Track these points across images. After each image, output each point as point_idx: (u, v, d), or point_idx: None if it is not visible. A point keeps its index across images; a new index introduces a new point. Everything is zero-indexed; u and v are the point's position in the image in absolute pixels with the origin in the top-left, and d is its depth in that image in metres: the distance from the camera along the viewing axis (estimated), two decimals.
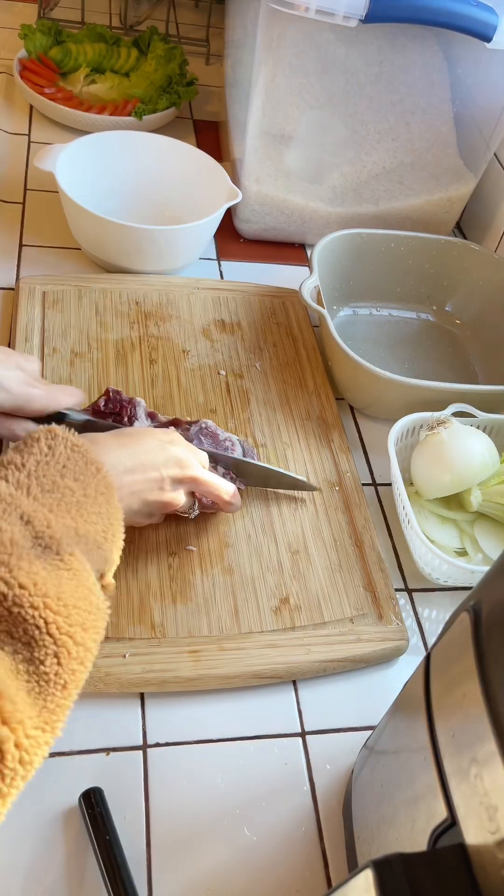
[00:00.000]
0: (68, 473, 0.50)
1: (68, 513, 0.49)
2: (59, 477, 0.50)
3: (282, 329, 0.93)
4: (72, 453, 0.52)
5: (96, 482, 0.51)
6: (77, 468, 0.51)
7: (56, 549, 0.46)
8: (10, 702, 0.40)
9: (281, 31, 0.85)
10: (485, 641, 0.35)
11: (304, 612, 0.68)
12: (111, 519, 0.52)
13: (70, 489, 0.50)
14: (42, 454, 0.51)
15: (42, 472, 0.50)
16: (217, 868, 0.55)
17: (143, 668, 0.61)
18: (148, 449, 0.60)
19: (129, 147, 1.00)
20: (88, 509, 0.50)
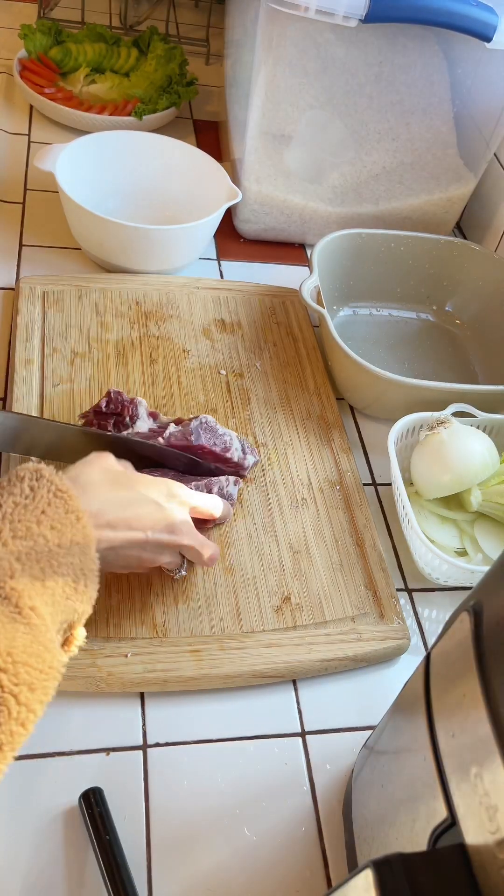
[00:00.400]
0: (45, 520, 0.49)
1: (37, 563, 0.47)
2: (34, 523, 0.48)
3: (282, 329, 0.93)
4: (54, 498, 0.50)
5: (73, 532, 0.50)
6: (56, 515, 0.49)
7: (15, 602, 0.44)
8: None
9: (281, 30, 0.85)
10: (485, 641, 0.35)
11: (306, 612, 0.68)
12: (85, 570, 0.50)
13: (44, 537, 0.48)
14: (22, 496, 0.49)
15: (18, 517, 0.48)
16: (217, 868, 0.55)
17: (145, 668, 0.61)
18: (140, 505, 0.57)
19: (129, 147, 1.00)
20: (60, 560, 0.48)
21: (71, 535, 0.49)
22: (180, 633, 0.64)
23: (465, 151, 1.01)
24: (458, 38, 0.85)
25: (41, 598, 0.46)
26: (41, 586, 0.46)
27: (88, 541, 0.51)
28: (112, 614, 0.64)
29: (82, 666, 0.60)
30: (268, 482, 0.77)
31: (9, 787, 0.56)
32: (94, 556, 0.51)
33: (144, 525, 0.57)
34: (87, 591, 0.50)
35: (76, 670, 0.60)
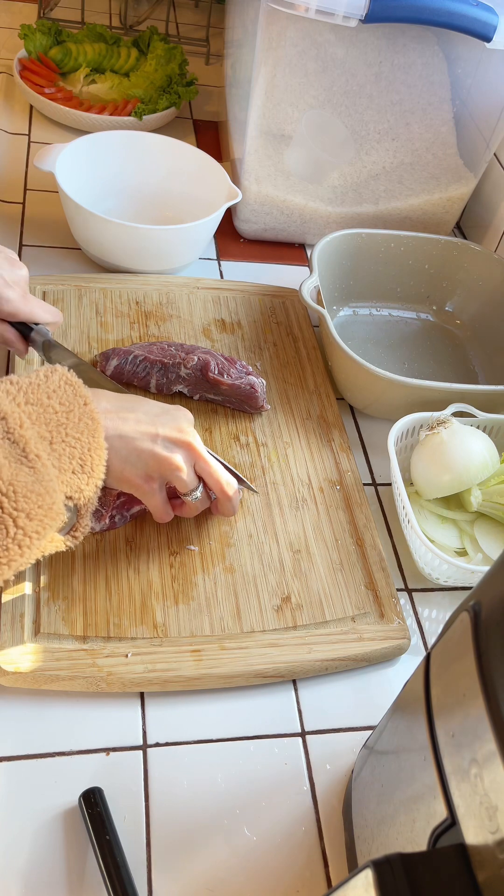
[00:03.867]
0: (55, 396, 0.54)
1: (46, 425, 0.52)
2: (45, 397, 0.53)
3: (282, 328, 0.93)
4: (65, 385, 0.55)
5: (81, 412, 0.54)
6: (66, 396, 0.54)
7: (23, 446, 0.49)
8: None
9: (281, 30, 0.85)
10: (485, 641, 0.35)
11: (306, 611, 0.68)
12: (91, 451, 0.54)
13: (53, 408, 0.53)
14: (37, 379, 0.54)
15: (31, 391, 0.53)
16: (217, 868, 0.55)
17: (146, 668, 0.61)
18: (147, 407, 0.62)
19: (129, 147, 1.00)
20: (68, 431, 0.53)
21: (79, 414, 0.54)
22: (180, 632, 0.64)
23: (465, 151, 1.01)
24: (458, 38, 0.85)
25: (47, 454, 0.51)
26: (48, 446, 0.51)
27: (96, 423, 0.55)
28: (112, 614, 0.64)
29: (82, 666, 0.60)
30: (268, 482, 0.77)
31: (9, 786, 0.56)
32: (103, 442, 0.55)
33: (153, 420, 0.61)
34: (92, 474, 0.54)
35: (76, 670, 0.60)
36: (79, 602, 0.64)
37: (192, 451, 0.63)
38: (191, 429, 0.64)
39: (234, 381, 0.79)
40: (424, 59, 0.91)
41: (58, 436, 0.52)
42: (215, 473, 0.65)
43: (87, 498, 0.55)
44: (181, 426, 0.63)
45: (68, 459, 0.53)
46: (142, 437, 0.60)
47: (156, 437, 0.61)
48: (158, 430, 0.61)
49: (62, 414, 0.53)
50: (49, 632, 0.62)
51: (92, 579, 0.66)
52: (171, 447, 0.62)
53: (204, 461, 0.64)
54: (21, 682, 0.59)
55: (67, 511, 0.54)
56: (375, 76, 0.91)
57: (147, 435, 0.60)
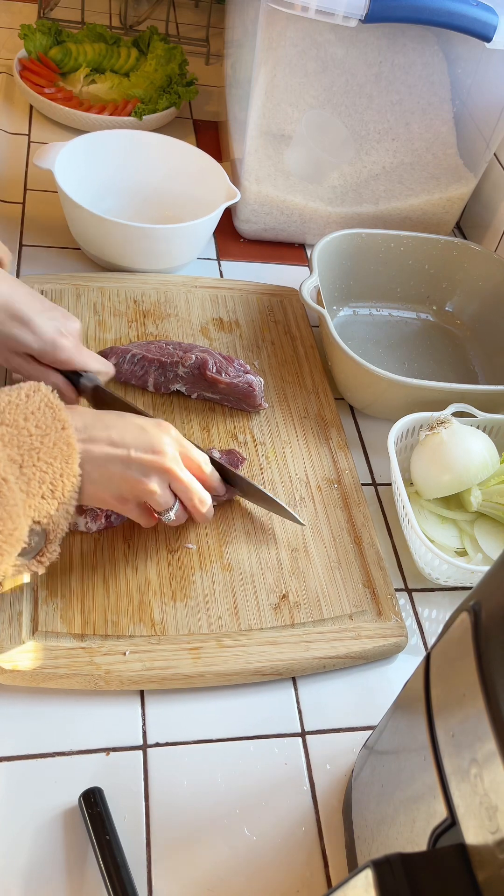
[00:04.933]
0: (32, 419, 0.53)
1: (18, 448, 0.51)
2: (22, 419, 0.53)
3: (280, 327, 0.93)
4: (45, 407, 0.54)
5: (57, 437, 0.54)
6: (44, 419, 0.54)
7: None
8: None
9: (281, 30, 0.85)
10: (485, 641, 0.35)
11: (304, 609, 0.68)
12: (63, 477, 0.54)
13: (28, 431, 0.52)
14: (17, 398, 0.54)
15: (9, 411, 0.53)
16: (217, 868, 0.55)
17: (144, 666, 0.61)
18: (122, 426, 0.60)
19: (128, 146, 1.00)
20: (41, 456, 0.52)
21: (55, 439, 0.53)
22: (178, 630, 0.64)
23: (465, 151, 1.01)
24: (458, 38, 0.85)
25: (15, 478, 0.50)
26: (17, 469, 0.51)
27: (71, 448, 0.54)
28: (110, 612, 0.64)
29: (80, 664, 0.60)
30: (266, 480, 0.77)
31: (9, 786, 0.56)
32: (77, 469, 0.55)
33: (127, 443, 0.59)
34: (64, 500, 0.54)
35: (74, 668, 0.60)
36: (77, 600, 0.64)
37: (167, 473, 0.61)
38: (169, 448, 0.61)
39: (232, 379, 0.79)
40: (424, 59, 0.91)
41: (29, 459, 0.52)
42: (189, 492, 0.64)
43: (55, 523, 0.54)
44: (157, 447, 0.60)
45: (38, 484, 0.52)
46: (113, 461, 0.59)
47: (128, 461, 0.59)
48: (131, 453, 0.59)
49: (37, 437, 0.53)
50: (47, 630, 0.62)
51: (90, 577, 0.66)
52: (144, 471, 0.60)
53: (179, 481, 0.62)
54: (19, 680, 0.59)
55: (34, 535, 0.53)
56: (375, 76, 0.91)
57: (118, 459, 0.59)
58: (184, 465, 0.63)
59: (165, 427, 0.63)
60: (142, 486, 0.60)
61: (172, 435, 0.63)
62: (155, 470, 0.61)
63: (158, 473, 0.61)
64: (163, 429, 0.63)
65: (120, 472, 0.59)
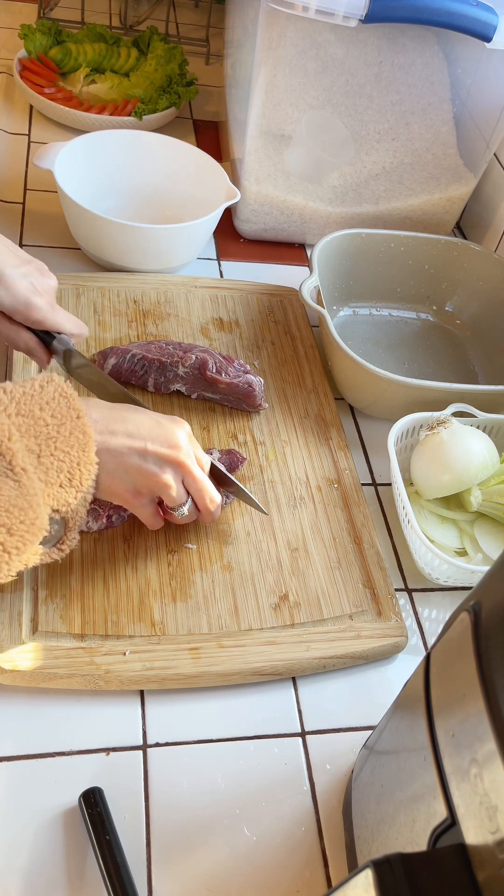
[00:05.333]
0: (47, 409, 0.53)
1: (35, 438, 0.51)
2: (37, 409, 0.53)
3: (280, 327, 0.93)
4: (59, 397, 0.54)
5: (72, 425, 0.54)
6: (59, 409, 0.54)
7: (9, 459, 0.49)
8: None
9: (281, 31, 0.85)
10: (485, 641, 0.35)
11: (304, 609, 0.68)
12: (81, 465, 0.54)
13: (44, 421, 0.52)
14: (31, 389, 0.53)
15: (24, 401, 0.53)
16: (217, 868, 0.55)
17: (144, 666, 0.61)
18: (139, 420, 0.60)
19: (128, 146, 1.00)
20: (58, 445, 0.52)
21: (70, 427, 0.53)
22: (178, 630, 0.64)
23: (465, 151, 1.01)
24: (458, 38, 0.85)
25: (34, 468, 0.51)
26: (35, 459, 0.51)
27: (87, 437, 0.54)
28: (110, 612, 0.64)
29: (80, 664, 0.60)
30: (266, 480, 0.77)
31: (9, 786, 0.56)
32: (93, 457, 0.55)
33: (143, 435, 0.59)
34: (82, 489, 0.54)
35: (74, 668, 0.60)
36: (77, 600, 0.64)
37: (182, 467, 0.62)
38: (185, 443, 0.62)
39: (232, 379, 0.79)
40: (424, 59, 0.91)
41: (47, 449, 0.52)
42: (202, 490, 0.64)
43: (74, 511, 0.54)
44: (173, 441, 0.61)
45: (56, 473, 0.52)
46: (130, 453, 0.59)
47: (145, 453, 0.59)
48: (148, 445, 0.59)
49: (53, 427, 0.53)
50: (47, 630, 0.62)
51: (90, 577, 0.66)
52: (160, 464, 0.60)
53: (193, 477, 0.63)
54: (19, 680, 0.59)
55: (54, 524, 0.54)
56: (375, 76, 0.91)
57: (135, 450, 0.59)
58: None
59: (181, 423, 0.64)
60: (157, 479, 0.60)
61: (187, 431, 0.64)
62: (171, 463, 0.61)
63: (174, 467, 0.61)
64: (178, 424, 0.63)
65: (136, 465, 0.59)
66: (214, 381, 0.79)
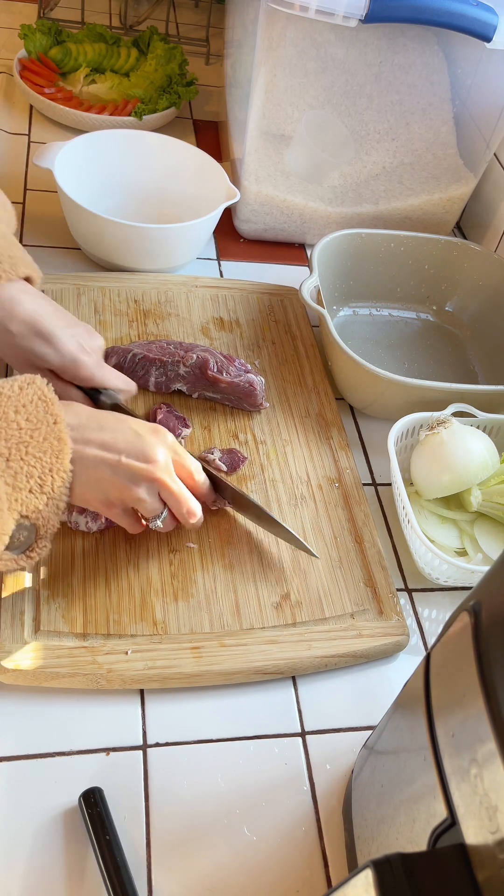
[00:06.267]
0: (23, 412, 0.52)
1: (5, 441, 0.51)
2: (12, 412, 0.52)
3: (280, 327, 0.93)
4: (38, 400, 0.54)
5: (48, 431, 0.53)
6: (35, 413, 0.53)
7: None
8: None
9: (281, 31, 0.85)
10: (485, 641, 0.35)
11: (305, 608, 0.68)
12: (53, 472, 0.53)
13: (17, 424, 0.52)
14: (9, 390, 0.53)
15: (0, 403, 0.52)
16: (217, 868, 0.55)
17: (146, 665, 0.61)
18: (116, 430, 0.59)
19: (128, 146, 1.00)
20: (29, 451, 0.52)
21: (45, 432, 0.53)
22: (180, 629, 0.64)
23: (465, 151, 1.01)
24: (458, 38, 0.85)
25: (0, 471, 0.50)
26: (3, 462, 0.50)
27: (63, 444, 0.54)
28: (112, 611, 0.64)
29: (83, 663, 0.60)
30: (267, 479, 0.77)
31: (9, 786, 0.56)
32: (67, 465, 0.54)
33: (119, 448, 0.58)
34: (54, 496, 0.53)
35: (76, 667, 0.60)
36: (78, 600, 0.64)
37: (156, 482, 0.60)
38: (161, 457, 0.60)
39: (233, 379, 0.79)
40: (424, 59, 0.91)
41: (17, 453, 0.51)
42: (180, 503, 0.63)
43: (45, 518, 0.54)
44: (150, 455, 0.59)
45: (25, 478, 0.51)
46: (102, 465, 0.58)
47: (118, 466, 0.58)
48: (122, 459, 0.58)
49: (27, 431, 0.52)
50: (49, 629, 0.62)
51: (91, 577, 0.66)
52: (133, 478, 0.59)
53: (168, 490, 0.61)
54: (22, 679, 0.59)
55: (23, 530, 0.53)
56: (375, 76, 0.91)
57: (108, 463, 0.58)
58: (176, 472, 0.63)
59: (162, 434, 0.62)
60: (129, 493, 0.60)
61: (167, 442, 0.62)
62: (144, 478, 0.60)
63: (147, 482, 0.60)
64: (158, 436, 0.61)
65: (108, 477, 0.58)
66: (215, 380, 0.79)
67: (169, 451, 0.62)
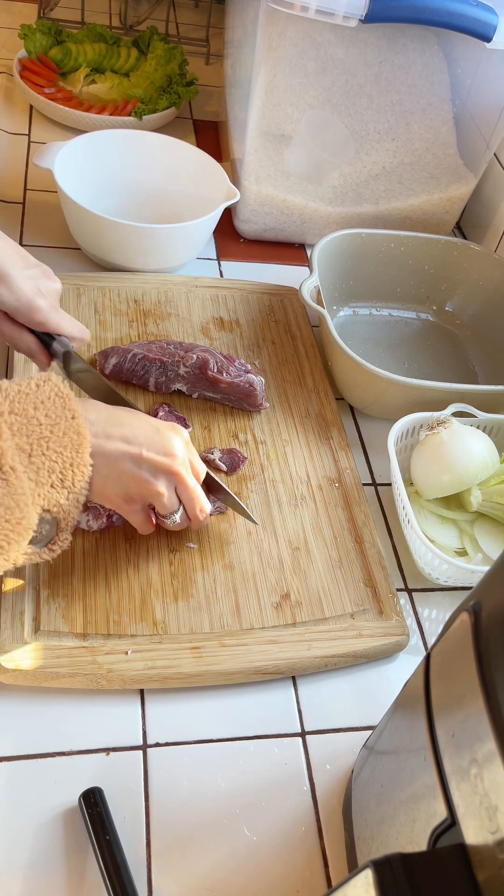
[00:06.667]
0: (42, 408, 0.53)
1: (27, 437, 0.51)
2: (32, 408, 0.52)
3: (280, 327, 0.93)
4: (55, 397, 0.54)
5: (67, 426, 0.53)
6: (54, 409, 0.53)
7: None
8: None
9: (281, 31, 0.85)
10: (485, 641, 0.35)
11: (305, 608, 0.68)
12: (74, 467, 0.53)
13: (38, 420, 0.52)
14: (27, 388, 0.53)
15: (18, 400, 0.52)
16: (217, 868, 0.55)
17: (146, 665, 0.61)
18: (137, 426, 0.60)
19: (128, 146, 1.00)
20: (50, 445, 0.52)
21: (65, 428, 0.53)
22: (180, 629, 0.64)
23: (465, 151, 1.01)
24: (458, 38, 0.85)
25: (24, 467, 0.50)
26: (26, 458, 0.51)
27: (82, 438, 0.54)
28: (112, 611, 0.64)
29: (83, 663, 0.60)
30: (267, 479, 0.77)
31: (9, 786, 0.56)
32: (87, 458, 0.54)
33: (140, 441, 0.59)
34: (74, 490, 0.54)
35: (77, 667, 0.60)
36: (78, 599, 0.64)
37: (176, 476, 0.61)
38: (181, 452, 0.61)
39: (233, 379, 0.79)
40: (424, 59, 0.91)
41: (38, 448, 0.52)
42: (194, 500, 0.64)
43: (66, 512, 0.54)
44: (169, 449, 0.60)
45: (47, 473, 0.52)
46: (125, 458, 0.58)
47: (140, 460, 0.59)
48: (143, 452, 0.59)
49: (46, 427, 0.52)
50: (49, 629, 0.62)
51: (91, 577, 0.66)
52: (154, 471, 0.60)
53: (186, 486, 0.62)
54: (21, 679, 0.59)
55: (45, 524, 0.53)
56: (375, 76, 0.91)
57: (131, 456, 0.58)
58: None
59: (179, 430, 0.63)
60: (150, 487, 0.60)
61: (185, 438, 0.63)
62: (165, 472, 0.60)
63: (168, 476, 0.61)
64: (176, 432, 0.62)
65: (130, 471, 0.59)
66: (216, 380, 0.79)
67: (186, 447, 0.63)
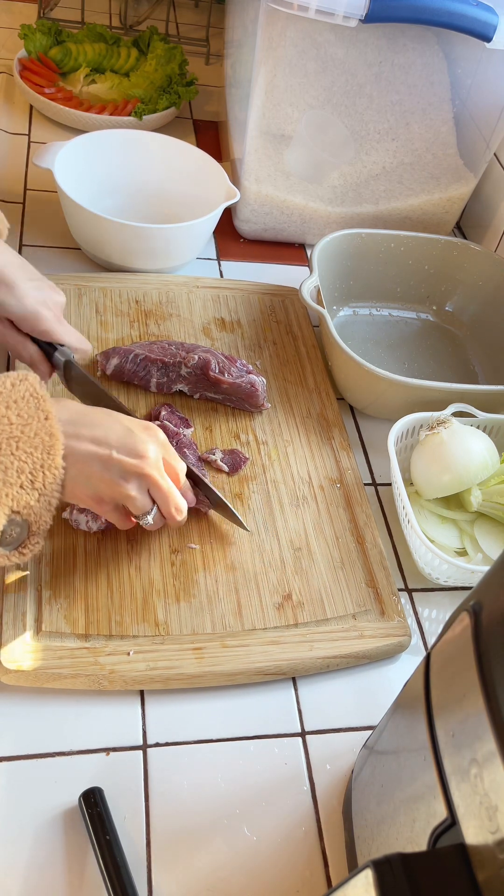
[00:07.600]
0: (14, 407, 0.53)
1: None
2: (3, 407, 0.52)
3: (281, 327, 0.93)
4: (29, 396, 0.54)
5: (39, 426, 0.53)
6: (27, 409, 0.53)
7: None
8: None
9: (281, 31, 0.85)
10: (485, 641, 0.35)
11: (307, 609, 0.68)
12: (45, 468, 0.53)
13: (8, 419, 0.52)
14: (1, 386, 0.53)
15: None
16: (217, 868, 0.55)
17: (148, 666, 0.61)
18: (109, 426, 0.59)
19: (128, 146, 1.00)
20: (20, 445, 0.52)
21: (37, 428, 0.53)
22: (182, 630, 0.64)
23: (465, 151, 1.01)
24: (458, 38, 0.85)
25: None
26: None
27: (55, 441, 0.54)
28: (114, 612, 0.64)
29: (84, 664, 0.60)
30: (268, 480, 0.77)
31: (9, 786, 0.56)
32: (59, 461, 0.54)
33: (110, 443, 0.58)
34: (46, 492, 0.54)
35: (78, 668, 0.60)
36: (80, 600, 0.64)
37: (147, 478, 0.60)
38: (152, 453, 0.60)
39: (235, 379, 0.79)
40: (424, 59, 0.91)
41: (7, 448, 0.51)
42: (167, 499, 0.63)
43: (37, 514, 0.54)
44: (140, 451, 0.59)
45: (16, 473, 0.52)
46: (93, 460, 0.58)
47: (109, 462, 0.58)
48: (113, 454, 0.58)
49: (17, 426, 0.52)
50: (51, 630, 0.62)
51: (93, 577, 0.66)
52: (124, 474, 0.59)
53: (158, 487, 0.61)
54: (23, 680, 0.59)
55: (15, 526, 0.53)
56: (375, 76, 0.91)
57: (99, 458, 0.58)
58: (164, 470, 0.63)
59: (153, 431, 0.62)
60: (119, 489, 0.59)
61: (158, 439, 0.62)
62: (134, 474, 0.60)
63: (138, 478, 0.60)
64: (149, 433, 0.62)
65: (99, 473, 0.58)
66: (217, 381, 0.79)
67: (160, 448, 0.62)
